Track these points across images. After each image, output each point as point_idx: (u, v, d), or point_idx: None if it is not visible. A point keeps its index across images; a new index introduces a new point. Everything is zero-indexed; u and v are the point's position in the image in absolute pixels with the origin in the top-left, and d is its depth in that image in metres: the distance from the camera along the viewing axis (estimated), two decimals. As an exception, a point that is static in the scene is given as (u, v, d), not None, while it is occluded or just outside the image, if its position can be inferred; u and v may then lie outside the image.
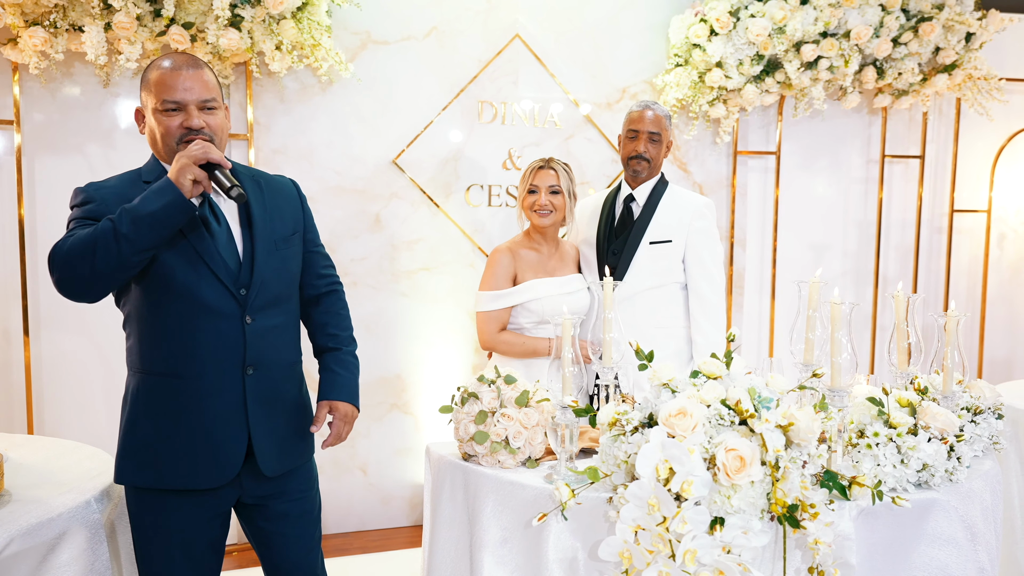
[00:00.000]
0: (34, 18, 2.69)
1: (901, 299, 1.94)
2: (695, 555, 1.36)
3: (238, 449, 1.70)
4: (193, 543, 1.71)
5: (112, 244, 1.49)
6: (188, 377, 1.66)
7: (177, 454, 1.66)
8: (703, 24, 3.46)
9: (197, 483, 1.67)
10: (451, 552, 1.77)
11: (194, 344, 1.66)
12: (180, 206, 1.52)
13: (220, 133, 1.70)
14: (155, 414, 1.67)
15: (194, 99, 1.64)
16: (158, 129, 1.66)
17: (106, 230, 1.50)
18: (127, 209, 1.51)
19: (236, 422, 1.69)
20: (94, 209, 1.61)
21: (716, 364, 1.62)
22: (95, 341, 3.03)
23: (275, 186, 1.84)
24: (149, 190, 1.54)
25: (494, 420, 1.73)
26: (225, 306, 1.67)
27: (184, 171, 1.52)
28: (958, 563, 1.66)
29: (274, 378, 1.75)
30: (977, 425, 1.85)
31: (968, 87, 3.79)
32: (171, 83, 1.62)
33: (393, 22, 3.30)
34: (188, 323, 1.65)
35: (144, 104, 1.68)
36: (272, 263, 1.73)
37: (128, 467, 1.69)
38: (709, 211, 2.70)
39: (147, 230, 1.50)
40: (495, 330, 2.61)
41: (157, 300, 1.65)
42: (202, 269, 1.64)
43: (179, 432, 1.66)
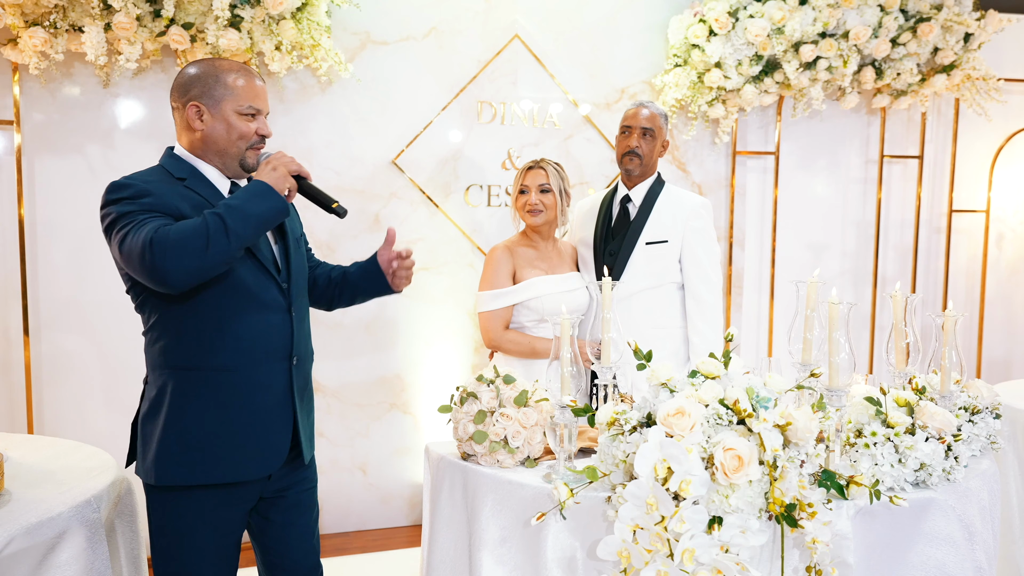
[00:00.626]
0: (34, 18, 2.69)
1: (899, 299, 1.95)
2: (693, 554, 1.37)
3: (284, 439, 1.78)
4: (223, 539, 1.75)
5: (223, 238, 1.56)
6: (239, 370, 1.71)
7: (226, 448, 1.70)
8: (702, 24, 3.46)
9: (247, 475, 1.72)
10: (450, 551, 1.77)
11: (250, 337, 1.72)
12: (283, 210, 1.64)
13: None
14: (200, 409, 1.69)
15: (266, 109, 1.80)
16: (235, 130, 1.73)
17: (216, 225, 1.56)
18: (233, 207, 1.59)
19: (284, 411, 1.78)
20: (155, 203, 1.63)
21: (714, 364, 1.62)
22: (95, 341, 3.04)
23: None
24: (248, 192, 1.62)
25: (493, 420, 1.73)
26: (275, 300, 1.77)
27: (284, 180, 1.65)
28: (955, 562, 1.66)
29: (307, 368, 1.87)
30: (975, 425, 1.85)
31: (967, 87, 3.80)
32: (256, 92, 1.76)
33: (392, 22, 3.30)
34: (240, 316, 1.71)
35: (215, 101, 1.72)
36: (297, 258, 1.86)
37: (172, 467, 1.68)
38: (706, 211, 2.70)
39: (252, 229, 1.60)
40: (500, 328, 2.61)
41: (209, 296, 1.69)
42: (254, 264, 1.74)
43: (228, 425, 1.70)
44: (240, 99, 1.73)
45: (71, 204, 2.98)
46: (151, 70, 3.02)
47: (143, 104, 3.04)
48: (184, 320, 1.70)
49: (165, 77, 3.05)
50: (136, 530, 1.82)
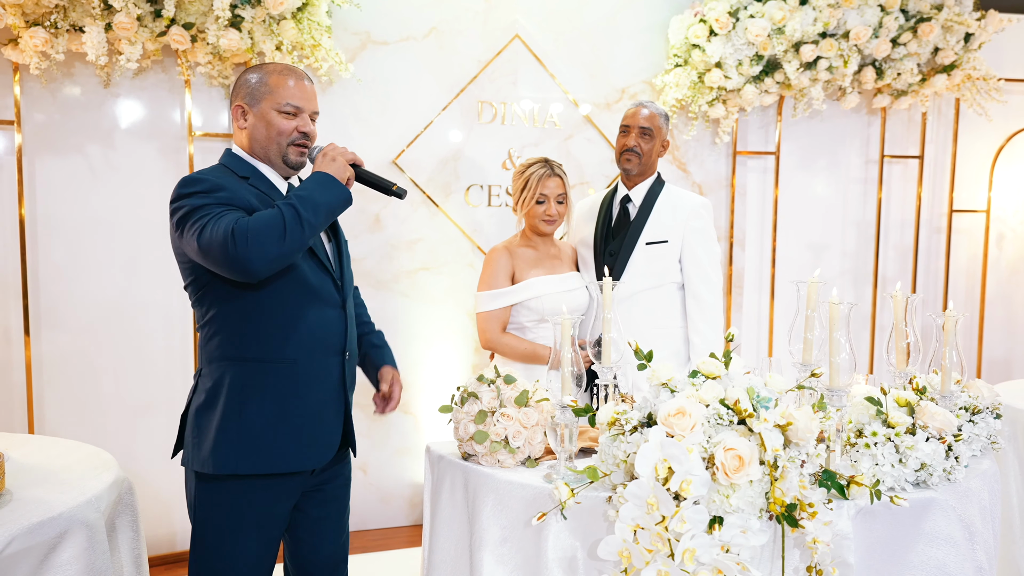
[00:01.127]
0: (35, 18, 2.69)
1: (899, 299, 1.95)
2: (694, 554, 1.37)
3: (336, 431, 1.84)
4: (266, 534, 1.78)
5: (298, 228, 1.62)
6: (299, 362, 1.76)
7: (284, 438, 1.75)
8: (702, 24, 3.46)
9: (302, 464, 1.77)
10: (451, 551, 1.77)
11: (308, 330, 1.77)
12: (348, 199, 1.71)
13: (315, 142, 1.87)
14: (260, 400, 1.74)
15: (310, 108, 1.82)
16: (275, 127, 1.78)
17: (292, 215, 1.62)
18: (304, 197, 1.64)
19: (336, 404, 1.83)
20: (230, 196, 1.70)
21: (715, 364, 1.62)
22: (95, 340, 3.04)
23: None
24: (312, 182, 1.68)
25: (494, 420, 1.74)
26: (331, 295, 1.82)
27: (343, 169, 1.71)
28: (956, 562, 1.66)
29: (354, 363, 1.93)
30: (975, 425, 1.85)
31: (967, 87, 3.80)
32: (297, 91, 1.79)
33: (393, 22, 3.30)
34: (299, 310, 1.77)
35: (257, 101, 1.79)
36: (346, 257, 1.94)
37: (232, 456, 1.72)
38: (706, 211, 2.70)
39: (323, 218, 1.66)
40: (497, 330, 2.61)
41: (273, 290, 1.74)
42: (314, 260, 1.80)
43: (287, 416, 1.75)
44: (279, 97, 1.78)
45: (72, 204, 2.98)
46: (152, 70, 3.02)
47: (144, 104, 3.04)
48: (246, 314, 1.75)
49: (165, 77, 3.05)
50: (137, 529, 1.82)
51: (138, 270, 3.07)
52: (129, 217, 3.03)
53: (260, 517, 1.77)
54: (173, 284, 3.10)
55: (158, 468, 3.13)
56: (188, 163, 3.06)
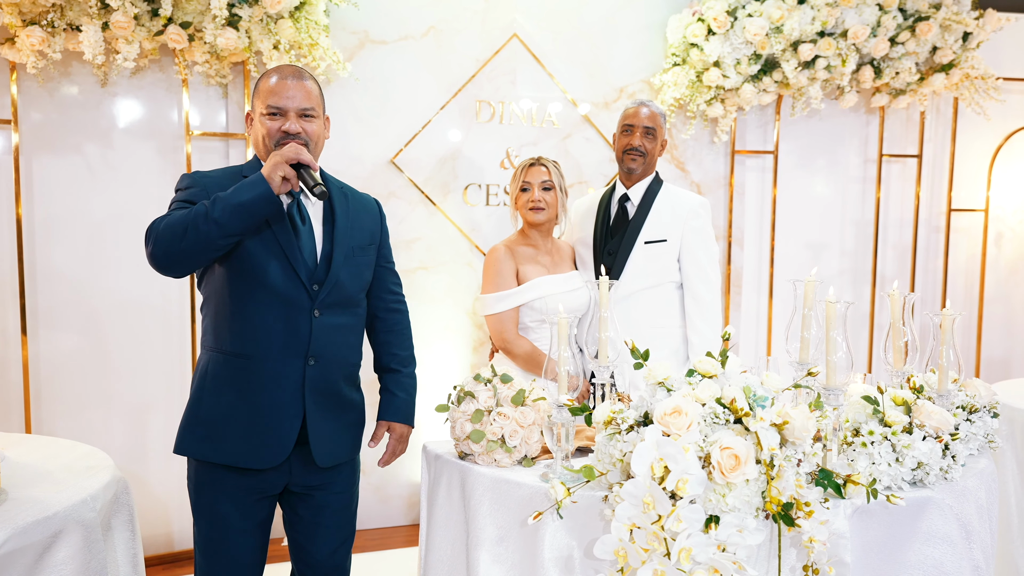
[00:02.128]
0: (32, 17, 2.69)
1: (897, 298, 1.95)
2: (690, 553, 1.36)
3: (290, 434, 1.80)
4: (245, 518, 1.83)
5: (203, 226, 1.64)
6: (254, 359, 1.78)
7: (235, 431, 1.78)
8: (701, 23, 3.46)
9: (249, 462, 1.79)
10: (448, 551, 1.77)
11: (264, 329, 1.78)
12: (267, 199, 1.67)
13: (317, 140, 1.85)
14: (220, 391, 1.80)
15: (295, 107, 1.80)
16: (260, 131, 1.82)
17: (199, 213, 1.65)
18: (221, 196, 1.66)
19: (292, 408, 1.80)
20: (195, 193, 1.77)
21: (711, 363, 1.62)
22: (93, 340, 3.04)
23: (360, 200, 2.00)
24: (243, 181, 1.69)
25: (490, 419, 1.73)
26: (297, 297, 1.80)
27: (276, 168, 1.67)
28: (953, 561, 1.66)
29: (333, 373, 1.87)
30: (972, 424, 1.85)
31: (965, 86, 3.80)
32: (278, 91, 1.80)
33: (391, 21, 3.30)
34: (260, 309, 1.78)
35: (253, 109, 1.86)
36: (347, 267, 1.87)
37: (189, 439, 1.82)
38: (704, 210, 2.70)
39: (236, 218, 1.65)
40: (513, 330, 2.60)
41: (236, 284, 1.78)
42: (282, 262, 1.78)
43: (239, 411, 1.78)
44: (263, 100, 1.81)
45: (69, 203, 2.97)
46: (149, 69, 3.01)
47: (141, 103, 3.04)
48: (218, 305, 1.82)
49: (163, 76, 3.04)
50: (134, 529, 1.82)
51: (136, 270, 3.06)
52: (127, 216, 3.03)
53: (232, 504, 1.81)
54: (171, 284, 3.09)
55: (155, 468, 3.13)
56: (186, 162, 3.06)
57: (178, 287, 3.11)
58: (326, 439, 1.86)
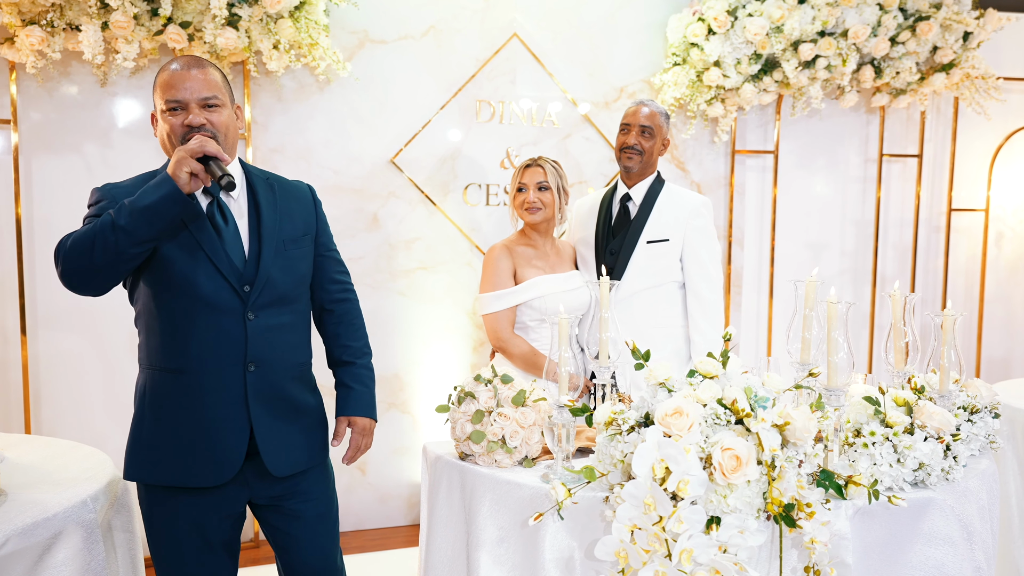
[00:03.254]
0: (31, 17, 2.69)
1: (898, 298, 1.94)
2: (691, 554, 1.36)
3: (238, 447, 1.69)
4: (203, 542, 1.73)
5: (110, 236, 1.52)
6: (190, 372, 1.67)
7: (179, 450, 1.68)
8: (701, 23, 3.46)
9: (198, 480, 1.68)
10: (448, 551, 1.77)
11: (196, 339, 1.67)
12: (175, 198, 1.53)
13: (225, 131, 1.71)
14: (159, 410, 1.70)
15: (195, 97, 1.66)
16: (164, 129, 1.68)
17: (105, 224, 1.53)
18: (126, 203, 1.54)
19: (237, 419, 1.69)
20: (105, 206, 1.64)
21: (712, 363, 1.62)
22: (92, 340, 3.03)
23: (289, 189, 1.87)
24: (148, 184, 1.56)
25: (491, 419, 1.73)
26: (227, 302, 1.68)
27: (180, 164, 1.54)
28: (954, 562, 1.66)
29: (278, 377, 1.75)
30: (974, 424, 1.85)
31: (966, 86, 3.80)
32: (174, 83, 1.65)
33: (391, 21, 3.30)
34: (190, 318, 1.67)
35: (155, 107, 1.71)
36: (278, 262, 1.75)
37: (135, 463, 1.71)
38: (706, 210, 2.70)
39: (144, 222, 1.53)
40: (508, 329, 2.60)
41: (161, 296, 1.68)
42: (205, 265, 1.66)
43: (180, 428, 1.68)
44: (162, 94, 1.67)
45: (68, 203, 2.97)
46: (149, 69, 3.01)
47: (141, 103, 3.04)
48: (148, 320, 1.72)
49: (163, 76, 3.04)
50: (133, 530, 1.81)
51: (135, 269, 3.06)
52: (126, 216, 3.03)
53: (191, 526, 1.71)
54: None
55: (156, 468, 3.13)
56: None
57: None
58: (279, 447, 1.74)
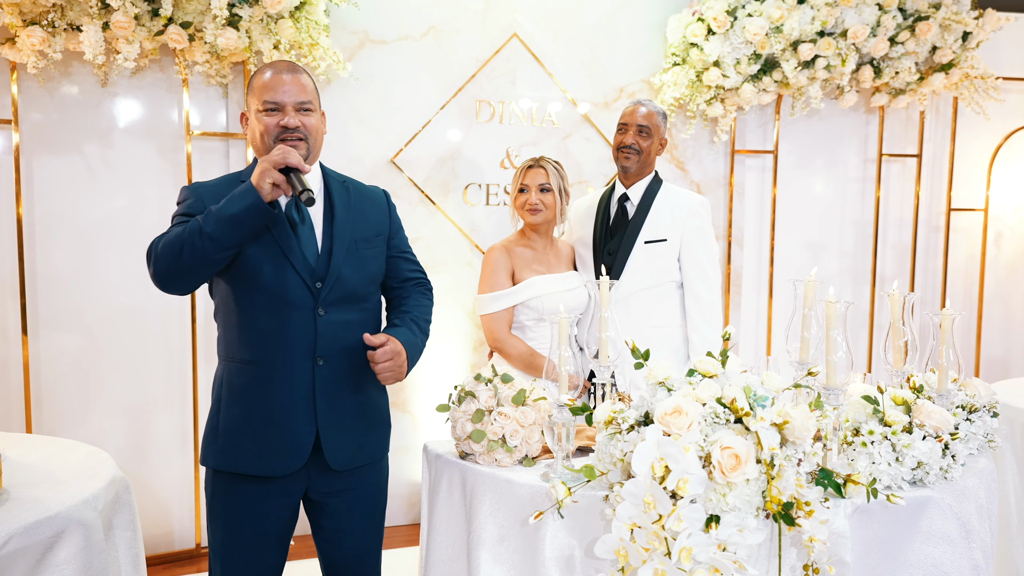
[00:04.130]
0: (32, 17, 2.69)
1: (896, 298, 1.95)
2: (691, 553, 1.37)
3: (306, 439, 1.78)
4: (260, 531, 1.80)
5: (198, 243, 1.61)
6: (262, 364, 1.76)
7: (251, 440, 1.77)
8: (700, 23, 3.46)
9: (267, 470, 1.77)
10: (448, 550, 1.77)
11: (269, 333, 1.75)
12: (259, 209, 1.62)
13: (315, 134, 1.81)
14: (235, 400, 1.79)
15: (291, 100, 1.76)
16: (258, 128, 1.78)
17: (193, 230, 1.63)
18: (212, 211, 1.63)
19: (305, 412, 1.77)
20: (192, 205, 1.75)
21: (712, 362, 1.62)
22: (94, 340, 3.04)
23: (364, 192, 1.96)
24: (233, 192, 1.65)
25: (491, 419, 1.74)
26: (299, 297, 1.76)
27: (264, 175, 1.62)
28: (953, 560, 1.67)
29: (345, 372, 1.81)
30: (972, 423, 1.85)
31: (965, 86, 3.80)
32: (273, 86, 1.76)
33: (391, 21, 3.30)
34: (264, 312, 1.75)
35: (248, 107, 1.81)
36: (349, 261, 1.82)
37: (210, 450, 1.82)
38: (704, 209, 2.70)
39: (229, 231, 1.62)
40: (505, 329, 2.61)
41: (238, 290, 1.77)
42: (283, 262, 1.75)
43: (253, 418, 1.77)
44: (259, 96, 1.77)
45: (69, 203, 2.98)
46: (149, 69, 3.01)
47: (141, 103, 3.04)
48: (226, 313, 1.81)
49: (163, 76, 3.04)
50: (135, 529, 1.82)
51: (136, 269, 3.06)
52: (127, 216, 3.03)
53: (249, 514, 1.79)
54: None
55: (156, 467, 3.13)
56: (186, 162, 3.06)
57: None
58: (341, 442, 1.81)
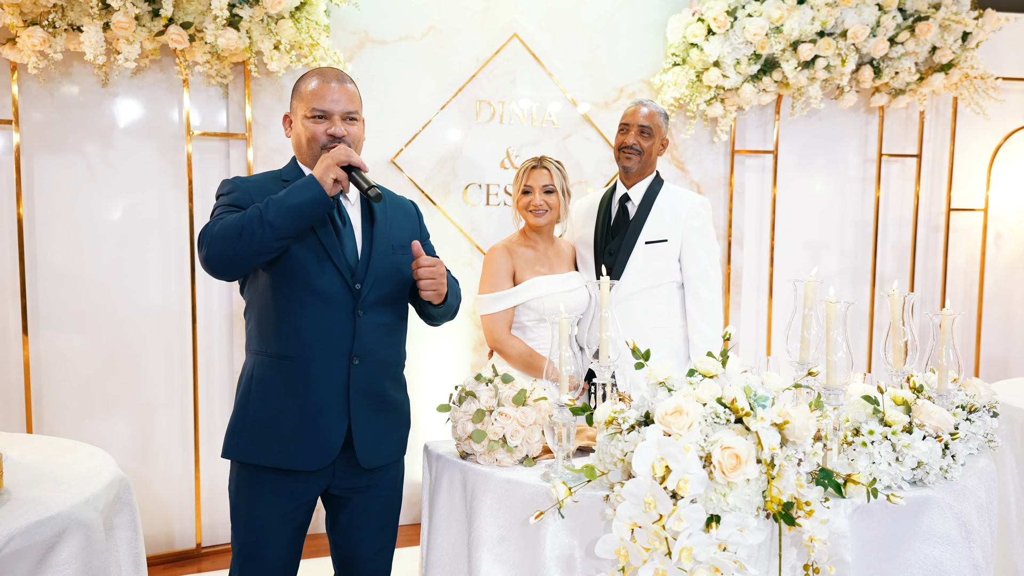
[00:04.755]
0: (33, 18, 2.69)
1: (896, 298, 1.95)
2: (691, 552, 1.37)
3: (337, 435, 1.81)
4: (282, 525, 1.83)
5: (257, 229, 1.65)
6: (299, 360, 1.79)
7: (282, 434, 1.79)
8: (700, 23, 3.46)
9: (297, 464, 1.79)
10: (449, 550, 1.78)
11: (308, 329, 1.79)
12: (321, 201, 1.68)
13: (358, 143, 1.88)
14: (266, 394, 1.81)
15: (340, 110, 1.83)
16: (304, 134, 1.84)
17: (253, 216, 1.66)
18: (274, 199, 1.67)
19: (338, 409, 1.81)
20: (239, 198, 1.79)
21: (712, 362, 1.62)
22: (94, 340, 3.04)
23: (396, 201, 2.03)
24: (295, 184, 1.71)
25: (491, 419, 1.74)
26: (340, 297, 1.80)
27: (328, 171, 1.68)
28: (952, 560, 1.67)
29: (377, 373, 1.87)
30: (972, 423, 1.85)
31: (965, 86, 3.80)
32: (322, 94, 1.81)
33: (391, 22, 3.30)
34: (305, 309, 1.79)
35: (294, 111, 1.87)
36: (387, 264, 1.88)
37: (236, 443, 1.84)
38: (705, 209, 2.71)
39: (290, 220, 1.66)
40: (504, 330, 2.61)
41: (280, 287, 1.79)
42: (325, 261, 1.79)
43: (286, 413, 1.79)
44: (307, 103, 1.82)
45: (70, 203, 2.98)
46: (150, 69, 3.02)
47: (142, 103, 3.04)
48: (262, 308, 1.83)
49: (164, 76, 3.05)
50: (136, 529, 1.82)
51: (137, 269, 3.07)
52: (127, 216, 3.03)
53: (271, 507, 1.82)
54: (171, 283, 3.10)
55: (157, 467, 3.13)
56: (186, 163, 3.06)
57: (178, 286, 3.11)
58: (371, 440, 1.86)
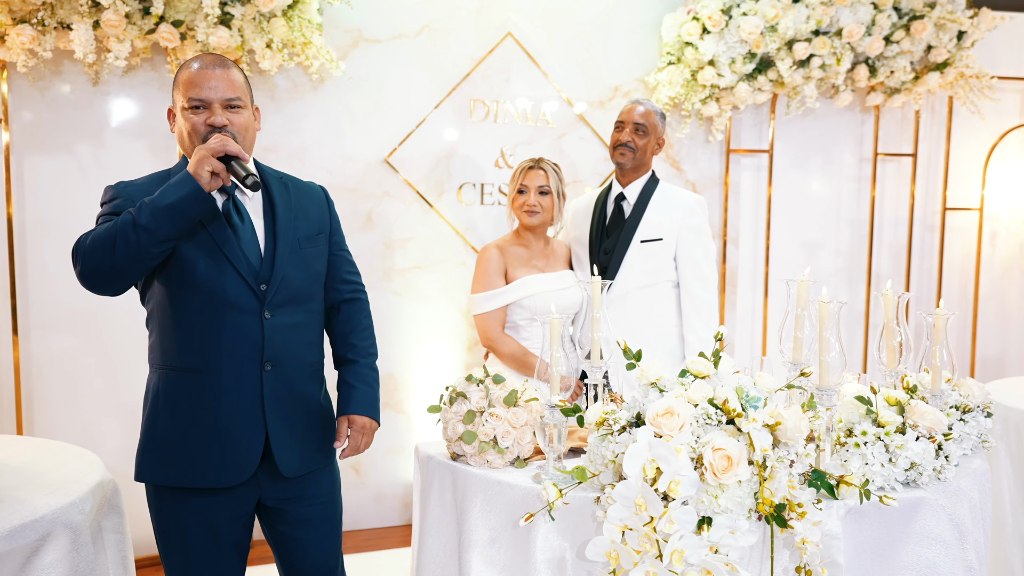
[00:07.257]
0: (22, 16, 2.67)
1: (890, 298, 1.94)
2: (682, 555, 1.36)
3: (255, 447, 1.70)
4: (213, 542, 1.72)
5: (131, 235, 1.52)
6: (206, 372, 1.67)
7: (194, 451, 1.67)
8: (695, 22, 3.45)
9: (214, 482, 1.68)
10: (440, 552, 1.76)
11: (213, 339, 1.66)
12: (197, 197, 1.54)
13: (244, 132, 1.71)
14: (173, 411, 1.69)
15: (218, 97, 1.66)
16: (185, 127, 1.68)
17: (126, 223, 1.53)
18: (147, 201, 1.54)
19: (253, 419, 1.69)
20: (120, 204, 1.64)
21: (704, 363, 1.61)
22: (85, 341, 3.02)
23: (303, 189, 1.88)
24: (169, 182, 1.57)
25: (482, 420, 1.72)
26: (244, 301, 1.68)
27: (202, 163, 1.54)
28: (946, 562, 1.66)
29: (293, 377, 1.75)
30: (966, 424, 1.85)
31: (960, 85, 3.80)
32: (197, 82, 1.65)
33: (384, 20, 3.29)
34: (207, 317, 1.66)
35: (174, 104, 1.71)
36: (294, 261, 1.75)
37: (148, 465, 1.70)
38: (700, 209, 2.70)
39: (166, 221, 1.53)
40: (498, 329, 2.61)
41: (178, 295, 1.67)
42: (223, 263, 1.66)
43: (196, 429, 1.67)
44: (184, 92, 1.67)
45: (60, 203, 2.96)
46: (141, 68, 3.00)
47: (133, 102, 3.02)
48: (161, 319, 1.71)
49: (155, 75, 3.03)
50: (123, 531, 1.80)
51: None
52: (119, 216, 3.02)
53: (201, 526, 1.71)
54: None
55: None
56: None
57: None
58: (292, 448, 1.74)
